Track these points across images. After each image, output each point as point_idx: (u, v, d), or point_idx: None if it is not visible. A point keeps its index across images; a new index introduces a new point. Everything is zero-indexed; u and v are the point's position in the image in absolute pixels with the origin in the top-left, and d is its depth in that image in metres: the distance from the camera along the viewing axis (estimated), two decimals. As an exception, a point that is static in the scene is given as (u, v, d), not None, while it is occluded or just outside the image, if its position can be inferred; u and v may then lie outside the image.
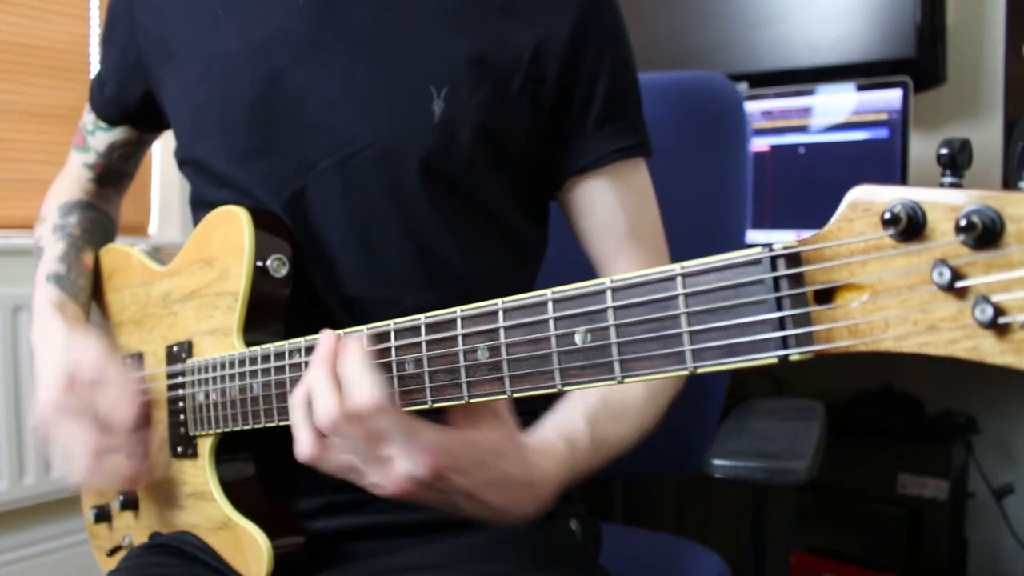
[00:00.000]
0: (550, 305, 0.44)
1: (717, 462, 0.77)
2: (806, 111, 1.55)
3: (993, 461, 1.66)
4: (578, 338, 0.42)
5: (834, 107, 1.52)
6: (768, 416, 0.97)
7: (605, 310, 0.41)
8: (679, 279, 0.39)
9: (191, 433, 0.71)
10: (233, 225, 0.70)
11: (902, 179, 1.43)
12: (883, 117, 1.46)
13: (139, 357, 0.81)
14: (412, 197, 0.72)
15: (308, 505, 0.73)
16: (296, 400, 0.54)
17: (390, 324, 0.53)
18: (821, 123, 1.53)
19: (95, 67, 2.07)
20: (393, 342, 0.53)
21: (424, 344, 0.51)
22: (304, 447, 0.55)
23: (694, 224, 1.09)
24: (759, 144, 1.58)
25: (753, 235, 1.57)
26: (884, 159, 1.45)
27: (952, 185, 0.31)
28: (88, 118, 0.93)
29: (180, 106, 0.79)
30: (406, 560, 0.71)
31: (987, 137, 1.64)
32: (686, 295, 0.38)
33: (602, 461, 0.68)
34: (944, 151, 0.32)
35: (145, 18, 0.81)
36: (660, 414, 0.74)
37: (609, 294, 0.41)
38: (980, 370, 1.70)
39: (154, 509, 0.79)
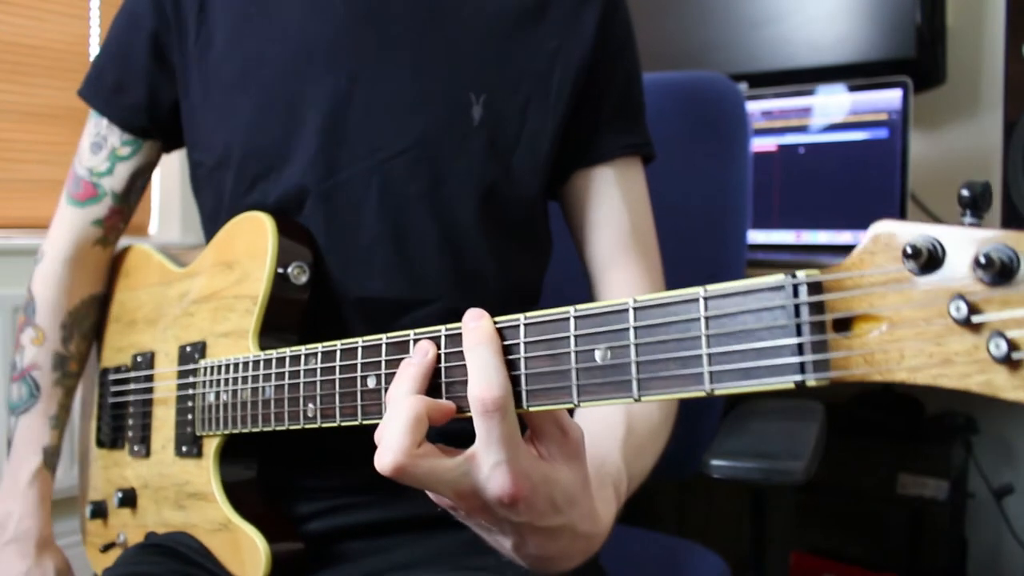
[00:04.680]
0: (572, 322, 0.44)
1: (715, 462, 0.77)
2: (806, 111, 1.55)
3: (993, 461, 1.66)
4: (598, 355, 0.42)
5: (834, 107, 1.52)
6: (768, 416, 0.97)
7: (627, 329, 0.41)
8: (702, 301, 0.39)
9: (198, 433, 0.72)
10: (257, 230, 0.71)
11: (902, 179, 1.43)
12: (883, 117, 1.46)
13: (150, 356, 0.81)
14: (450, 200, 0.73)
15: (308, 509, 0.74)
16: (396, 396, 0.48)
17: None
18: (821, 123, 1.53)
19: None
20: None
21: (443, 356, 0.49)
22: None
23: (695, 224, 1.09)
24: (766, 144, 1.58)
25: (758, 236, 1.57)
26: (884, 159, 1.45)
27: (972, 225, 0.32)
28: (97, 159, 0.83)
29: (211, 109, 0.77)
30: (400, 557, 0.72)
31: (987, 137, 1.64)
32: (707, 317, 0.38)
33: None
34: (966, 193, 0.33)
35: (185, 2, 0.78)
36: (670, 434, 0.74)
37: (632, 313, 0.41)
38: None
39: (152, 508, 0.79)
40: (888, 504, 1.52)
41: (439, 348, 0.49)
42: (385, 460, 0.45)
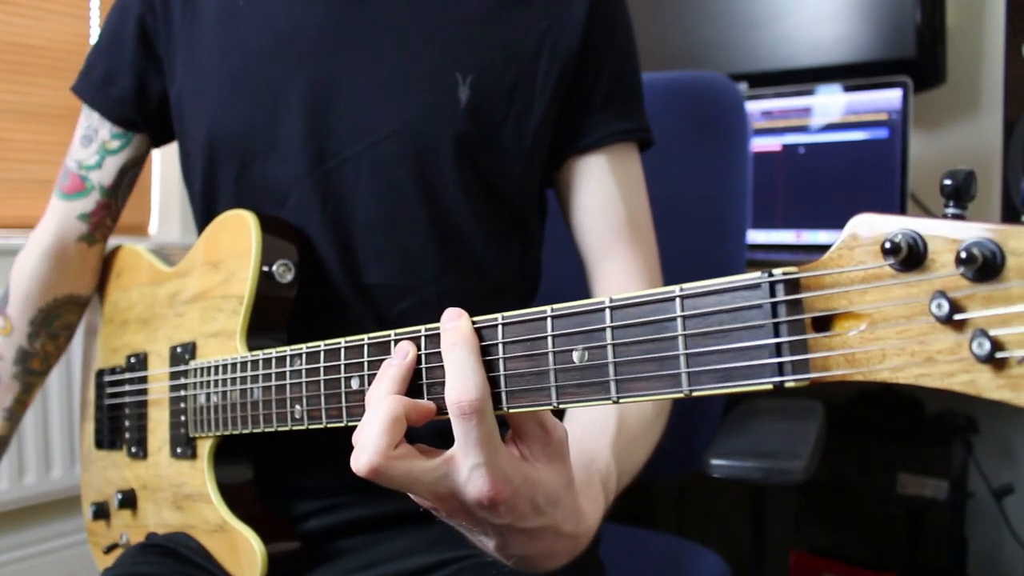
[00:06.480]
0: (549, 322, 0.43)
1: (715, 462, 0.77)
2: (806, 111, 1.55)
3: (993, 461, 1.66)
4: (576, 356, 0.42)
5: (834, 107, 1.52)
6: (767, 416, 0.97)
7: (603, 329, 0.41)
8: (678, 300, 0.38)
9: (191, 434, 0.72)
10: (240, 229, 0.71)
11: (902, 179, 1.43)
12: (883, 117, 1.46)
13: (143, 357, 0.81)
14: (442, 182, 0.72)
15: (304, 508, 0.74)
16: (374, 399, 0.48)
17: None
18: (821, 123, 1.53)
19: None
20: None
21: (424, 356, 0.49)
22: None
23: (694, 224, 1.09)
24: (770, 144, 1.58)
25: (759, 236, 1.57)
26: (884, 159, 1.45)
27: (955, 216, 0.31)
28: (86, 152, 0.84)
29: (197, 96, 0.77)
30: (396, 546, 0.72)
31: (987, 137, 1.64)
32: (684, 317, 0.38)
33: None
34: (948, 182, 0.31)
35: None
36: (664, 428, 0.74)
37: (608, 312, 0.41)
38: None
39: (152, 508, 0.79)
40: (888, 504, 1.52)
41: (419, 349, 0.49)
42: (361, 461, 0.44)
